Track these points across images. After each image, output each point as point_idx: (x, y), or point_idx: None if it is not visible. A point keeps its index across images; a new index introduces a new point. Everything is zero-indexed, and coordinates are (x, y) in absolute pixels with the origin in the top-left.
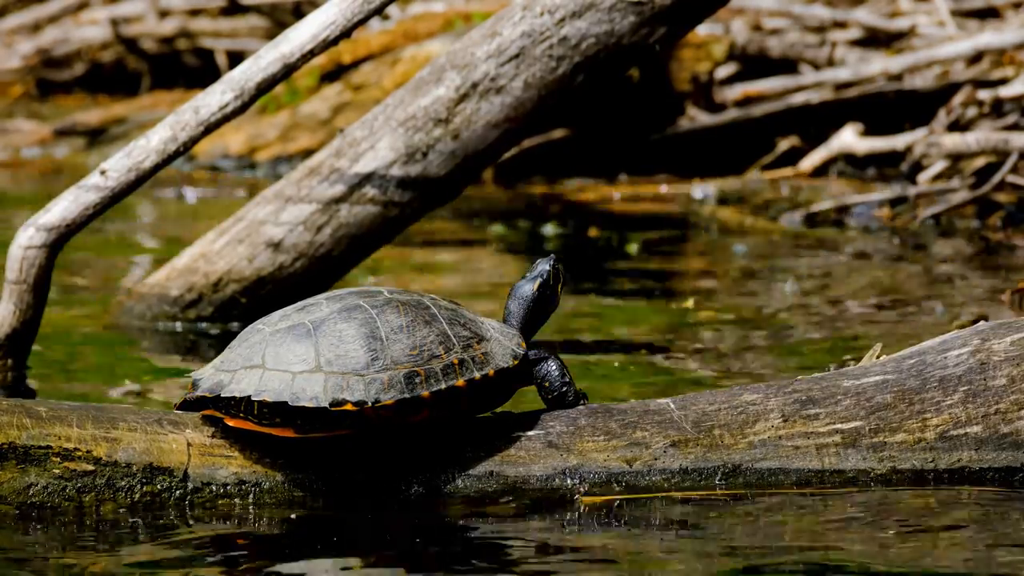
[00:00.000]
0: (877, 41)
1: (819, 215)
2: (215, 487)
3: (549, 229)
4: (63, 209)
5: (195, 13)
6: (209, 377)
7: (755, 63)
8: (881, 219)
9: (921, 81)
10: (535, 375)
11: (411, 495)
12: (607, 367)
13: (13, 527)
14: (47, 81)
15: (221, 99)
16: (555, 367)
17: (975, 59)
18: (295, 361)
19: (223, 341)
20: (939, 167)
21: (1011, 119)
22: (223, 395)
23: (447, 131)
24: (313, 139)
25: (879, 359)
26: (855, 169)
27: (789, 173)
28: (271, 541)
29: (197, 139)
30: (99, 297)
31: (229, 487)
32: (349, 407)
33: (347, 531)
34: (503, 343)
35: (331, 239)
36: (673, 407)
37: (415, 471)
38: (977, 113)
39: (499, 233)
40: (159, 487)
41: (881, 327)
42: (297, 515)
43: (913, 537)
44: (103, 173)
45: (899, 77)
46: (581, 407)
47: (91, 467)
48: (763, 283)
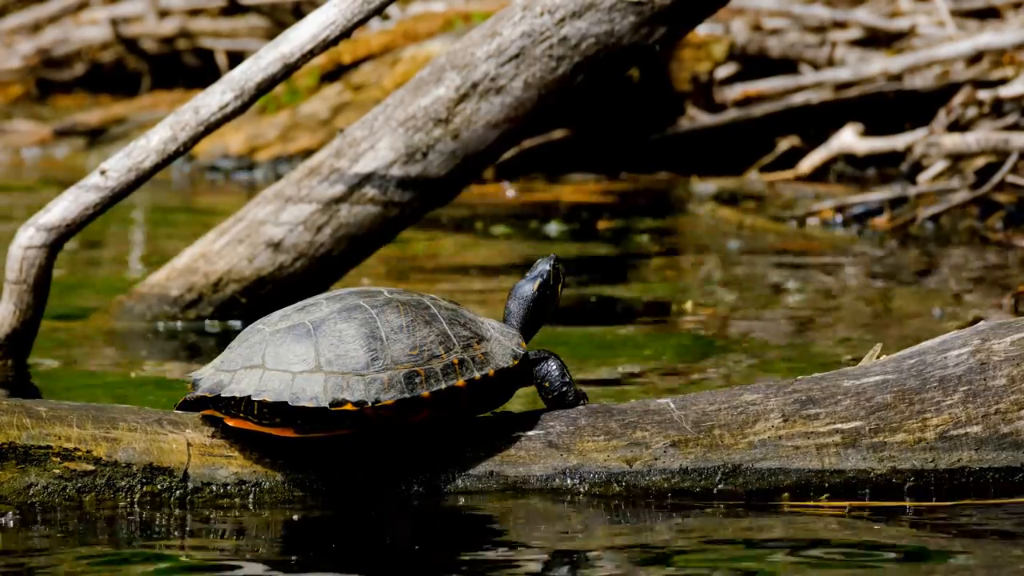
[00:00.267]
0: (877, 41)
1: (819, 215)
2: (215, 487)
3: (553, 228)
4: (63, 209)
5: (195, 13)
6: (209, 377)
7: (755, 63)
8: (881, 219)
9: (921, 81)
10: (535, 375)
11: (411, 495)
12: (607, 368)
13: (13, 527)
14: (47, 81)
15: (221, 99)
16: (555, 367)
17: (975, 59)
18: (295, 361)
19: (223, 341)
20: (939, 167)
21: (1011, 119)
22: (223, 395)
23: (447, 131)
24: (313, 139)
25: (879, 359)
26: (855, 169)
27: (789, 173)
28: (271, 541)
29: (197, 139)
30: (99, 297)
31: (229, 487)
32: (349, 407)
33: (347, 531)
34: (503, 343)
35: (331, 239)
36: (673, 407)
37: (415, 471)
38: (977, 113)
39: (503, 233)
40: (159, 487)
41: (881, 327)
42: (297, 515)
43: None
44: (103, 173)
45: (899, 77)
46: (581, 407)
47: (91, 467)
48: (762, 283)
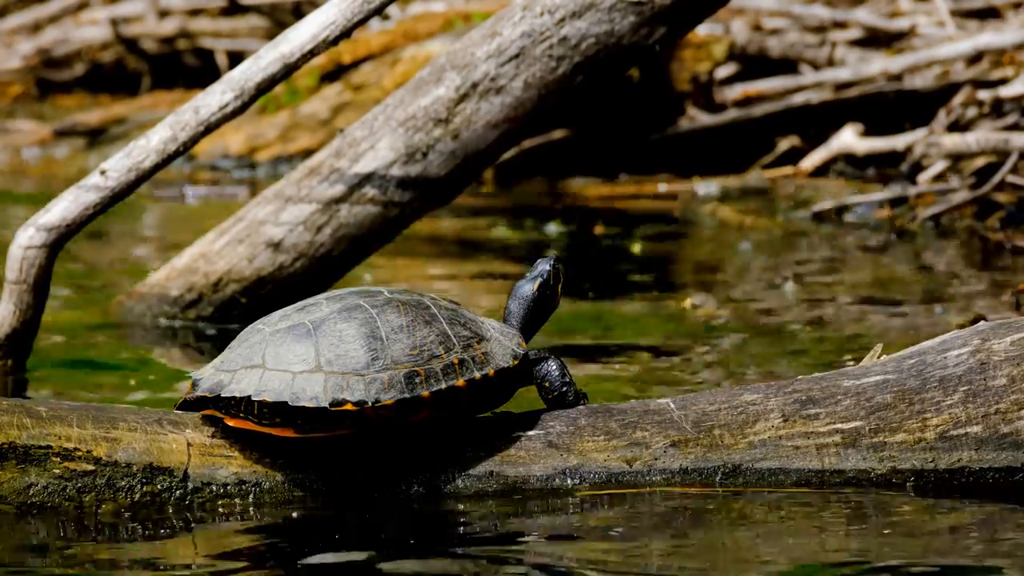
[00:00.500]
0: (877, 41)
1: (819, 215)
2: (215, 487)
3: (552, 228)
4: (63, 209)
5: (195, 13)
6: (209, 377)
7: (755, 63)
8: (881, 219)
9: (921, 81)
10: (535, 375)
11: (411, 495)
12: (608, 367)
13: (13, 527)
14: (47, 81)
15: (221, 99)
16: (555, 367)
17: (975, 59)
18: (295, 361)
19: (223, 341)
20: (939, 167)
21: (1011, 119)
22: (223, 395)
23: (447, 131)
24: (313, 139)
25: (879, 359)
26: (855, 169)
27: (789, 173)
28: (271, 541)
29: (197, 139)
30: (99, 297)
31: (229, 487)
32: (349, 407)
33: (347, 531)
34: (503, 343)
35: (331, 239)
36: (673, 407)
37: (415, 471)
38: (977, 113)
39: (503, 234)
40: (159, 487)
41: (881, 327)
42: (297, 515)
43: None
44: (103, 173)
45: (899, 77)
46: (581, 407)
47: (91, 467)
48: (762, 283)
